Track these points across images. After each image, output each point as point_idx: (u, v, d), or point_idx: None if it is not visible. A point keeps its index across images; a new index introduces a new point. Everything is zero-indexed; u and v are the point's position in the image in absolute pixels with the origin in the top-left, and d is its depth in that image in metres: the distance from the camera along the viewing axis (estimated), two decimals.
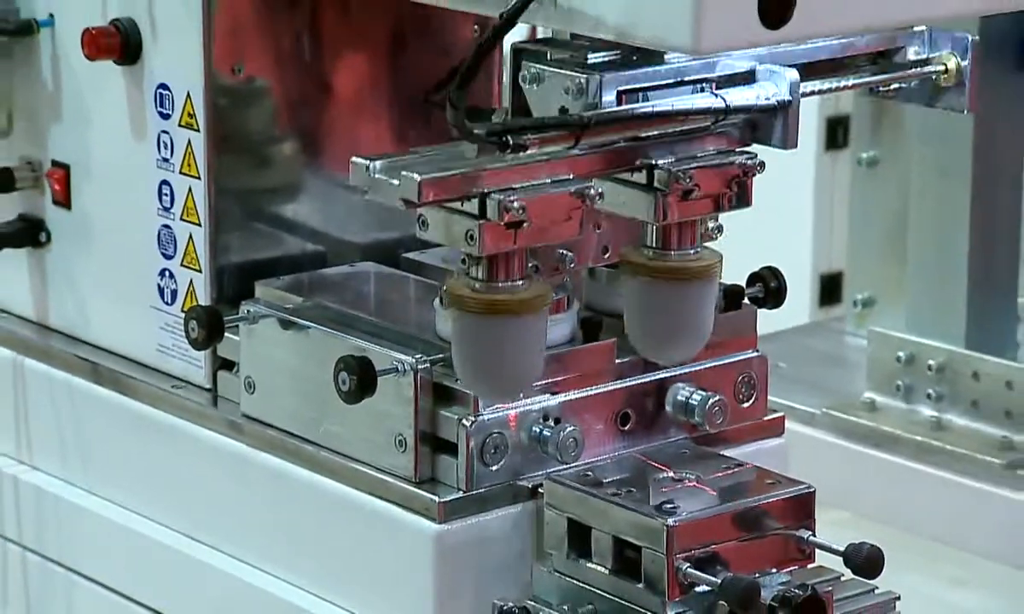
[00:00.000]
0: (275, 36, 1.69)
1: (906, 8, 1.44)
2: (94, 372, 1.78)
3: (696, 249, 1.50)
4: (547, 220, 1.41)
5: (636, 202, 1.46)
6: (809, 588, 1.41)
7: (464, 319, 1.44)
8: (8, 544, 1.85)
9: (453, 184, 1.39)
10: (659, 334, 1.52)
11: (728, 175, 1.48)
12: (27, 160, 1.84)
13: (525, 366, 1.46)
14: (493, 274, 1.42)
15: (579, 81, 1.40)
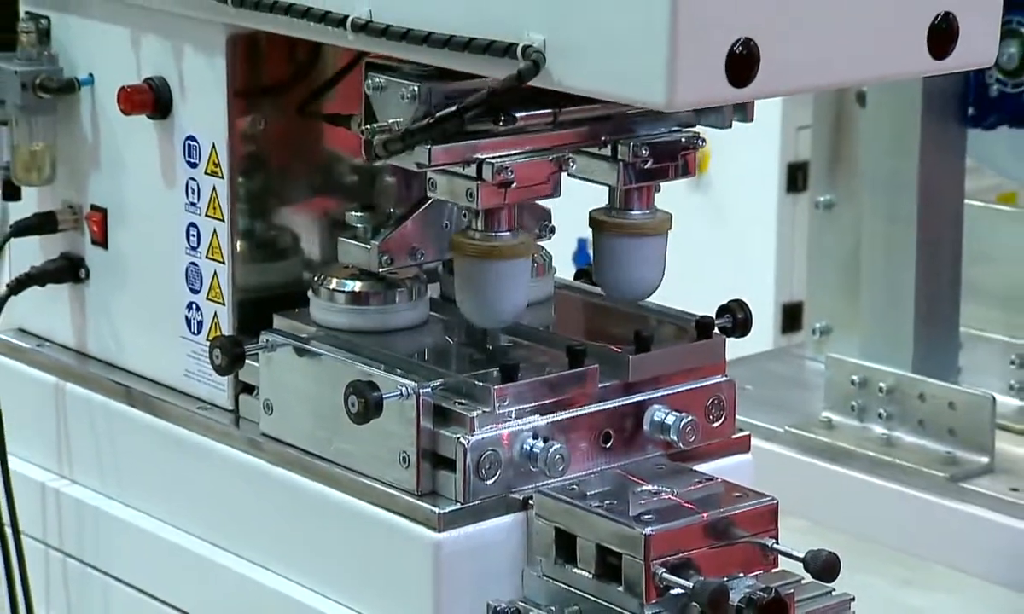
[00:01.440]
0: (291, 92, 1.68)
1: (855, 70, 1.44)
2: (128, 395, 1.78)
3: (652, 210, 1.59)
4: (531, 181, 1.50)
5: (604, 171, 1.56)
6: (773, 591, 1.41)
7: (465, 262, 1.52)
8: (51, 551, 1.84)
9: (456, 152, 1.47)
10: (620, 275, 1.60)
11: (677, 150, 1.56)
12: (68, 204, 1.83)
13: (514, 300, 1.54)
14: (488, 225, 1.51)
15: (413, 89, 1.48)
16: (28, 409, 1.86)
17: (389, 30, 1.47)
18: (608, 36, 1.34)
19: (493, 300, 1.54)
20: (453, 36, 1.42)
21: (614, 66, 1.34)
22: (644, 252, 1.59)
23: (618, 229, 1.59)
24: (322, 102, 1.70)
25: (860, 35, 1.41)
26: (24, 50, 1.79)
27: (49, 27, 1.81)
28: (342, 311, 1.62)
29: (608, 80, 1.35)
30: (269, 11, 1.55)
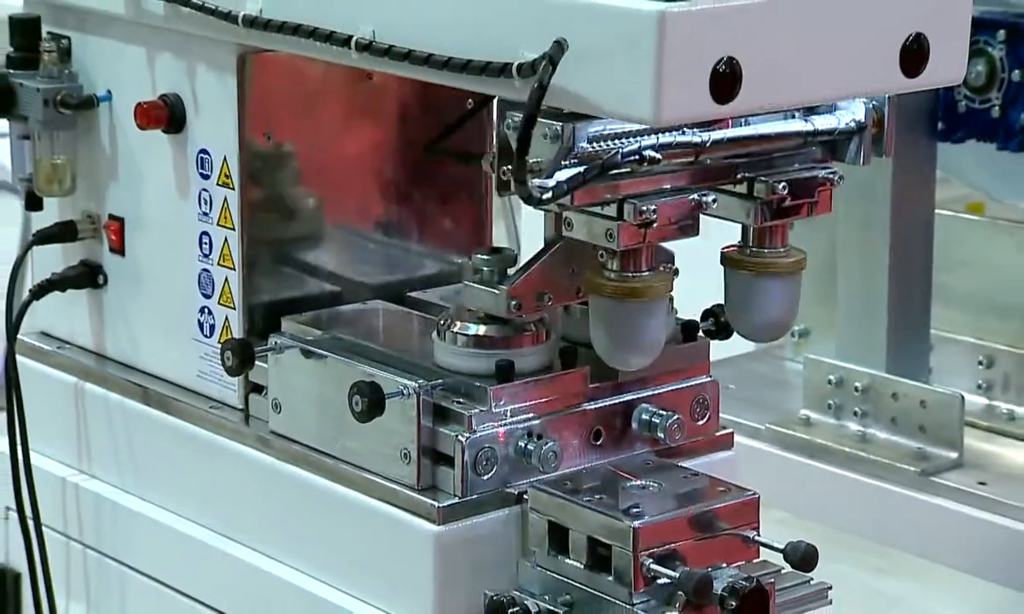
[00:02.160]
0: (299, 108, 1.68)
1: (832, 87, 1.44)
2: (144, 395, 1.77)
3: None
4: (671, 221, 1.43)
5: (738, 208, 1.48)
6: (754, 580, 1.41)
7: (603, 303, 1.46)
8: (71, 542, 1.84)
9: (598, 192, 1.41)
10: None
11: (815, 187, 1.49)
12: (88, 214, 1.83)
13: (652, 339, 1.47)
14: (625, 266, 1.45)
15: (555, 128, 1.40)
16: (50, 408, 1.86)
17: (392, 50, 1.46)
18: (599, 56, 1.33)
19: (631, 340, 1.47)
20: (452, 58, 1.41)
21: (605, 84, 1.34)
22: (782, 291, 1.52)
23: (755, 268, 1.50)
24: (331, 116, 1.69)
25: (837, 54, 1.41)
26: (46, 68, 1.78)
27: (70, 46, 1.81)
28: (468, 355, 1.54)
29: (599, 97, 1.35)
30: (278, 31, 1.54)
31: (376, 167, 1.74)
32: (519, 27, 1.38)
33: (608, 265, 1.46)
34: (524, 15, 1.37)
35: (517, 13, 1.38)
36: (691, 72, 1.32)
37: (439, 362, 1.55)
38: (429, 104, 1.73)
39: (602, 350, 1.48)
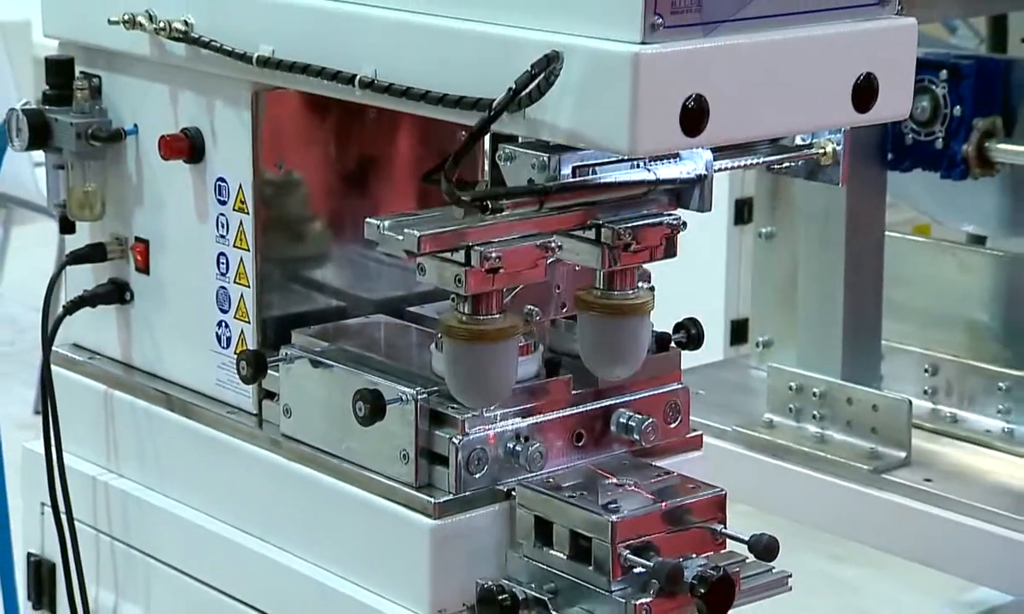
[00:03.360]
0: (307, 140, 1.67)
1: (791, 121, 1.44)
2: (167, 401, 1.76)
3: (634, 289, 1.48)
4: (518, 267, 1.41)
5: (587, 253, 1.46)
6: (721, 569, 1.40)
7: (453, 345, 1.43)
8: (100, 535, 1.82)
9: (445, 239, 1.39)
10: (605, 357, 1.50)
11: (659, 233, 1.47)
12: (116, 237, 1.82)
13: (501, 381, 1.45)
14: (476, 309, 1.41)
15: (542, 158, 1.39)
16: (81, 413, 1.84)
17: (391, 88, 1.46)
18: (579, 92, 1.33)
19: (480, 381, 1.43)
20: (446, 94, 1.41)
21: (584, 118, 1.33)
22: (628, 332, 1.48)
23: (603, 309, 1.47)
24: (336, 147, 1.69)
25: (795, 92, 1.40)
26: (79, 105, 1.78)
27: (100, 85, 1.80)
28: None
29: (580, 130, 1.34)
30: (288, 70, 1.54)
31: (377, 193, 1.73)
32: (507, 67, 1.37)
33: (459, 309, 1.41)
34: (511, 56, 1.36)
35: (505, 54, 1.37)
36: (663, 107, 1.31)
37: (435, 371, 1.54)
38: (424, 135, 1.73)
39: (454, 390, 1.45)
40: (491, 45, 1.39)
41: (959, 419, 2.18)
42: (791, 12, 1.38)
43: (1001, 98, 2.08)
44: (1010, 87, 2.08)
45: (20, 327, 4.56)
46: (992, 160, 2.09)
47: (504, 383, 1.45)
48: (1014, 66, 2.10)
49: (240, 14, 1.60)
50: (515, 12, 1.38)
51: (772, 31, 1.37)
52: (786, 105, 1.40)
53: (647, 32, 1.30)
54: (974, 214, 2.33)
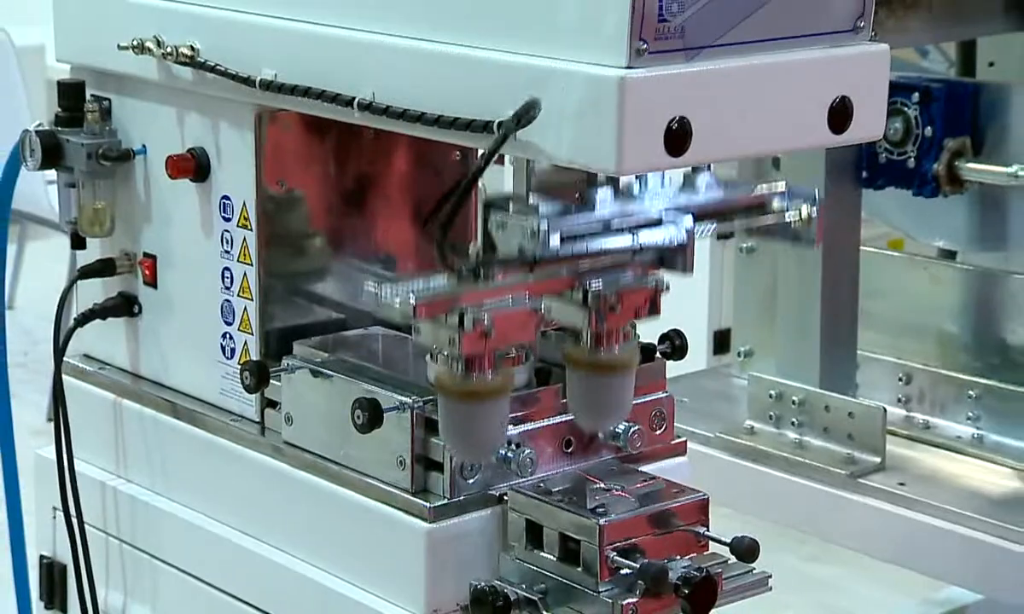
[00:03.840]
0: (308, 159, 1.67)
1: (770, 141, 1.44)
2: (173, 409, 1.75)
3: (620, 346, 1.46)
4: (509, 329, 1.40)
5: (575, 315, 1.44)
6: (704, 571, 1.40)
7: (447, 401, 1.42)
8: (109, 538, 1.82)
9: (439, 305, 1.38)
10: (593, 411, 1.49)
11: (643, 294, 1.46)
12: (125, 252, 1.81)
13: (492, 436, 1.44)
14: (469, 369, 1.40)
15: (532, 226, 1.38)
16: (91, 420, 1.84)
17: (389, 109, 1.45)
18: (569, 116, 1.33)
19: (471, 436, 1.42)
20: (441, 115, 1.41)
21: (574, 140, 1.33)
22: (615, 388, 1.47)
23: (591, 367, 1.45)
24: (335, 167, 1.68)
25: (774, 114, 1.40)
26: (89, 126, 1.77)
27: (110, 107, 1.79)
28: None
29: (569, 151, 1.34)
30: (290, 93, 1.53)
31: (374, 210, 1.73)
32: (499, 90, 1.37)
33: (453, 368, 1.39)
34: (503, 80, 1.36)
35: (497, 78, 1.37)
36: (648, 130, 1.31)
37: (431, 380, 1.53)
38: (420, 155, 1.72)
39: (449, 446, 1.44)
40: (484, 69, 1.39)
41: (931, 426, 2.18)
42: (769, 38, 1.38)
43: (970, 119, 2.09)
44: (978, 109, 2.08)
45: (34, 338, 4.55)
46: (962, 178, 2.10)
47: (495, 438, 1.44)
48: (982, 89, 2.10)
49: (244, 39, 1.60)
50: (506, 38, 1.37)
51: (752, 56, 1.37)
52: (765, 127, 1.40)
53: (632, 57, 1.30)
54: (945, 230, 2.33)
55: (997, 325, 2.19)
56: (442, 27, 1.43)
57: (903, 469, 2.06)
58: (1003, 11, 2.10)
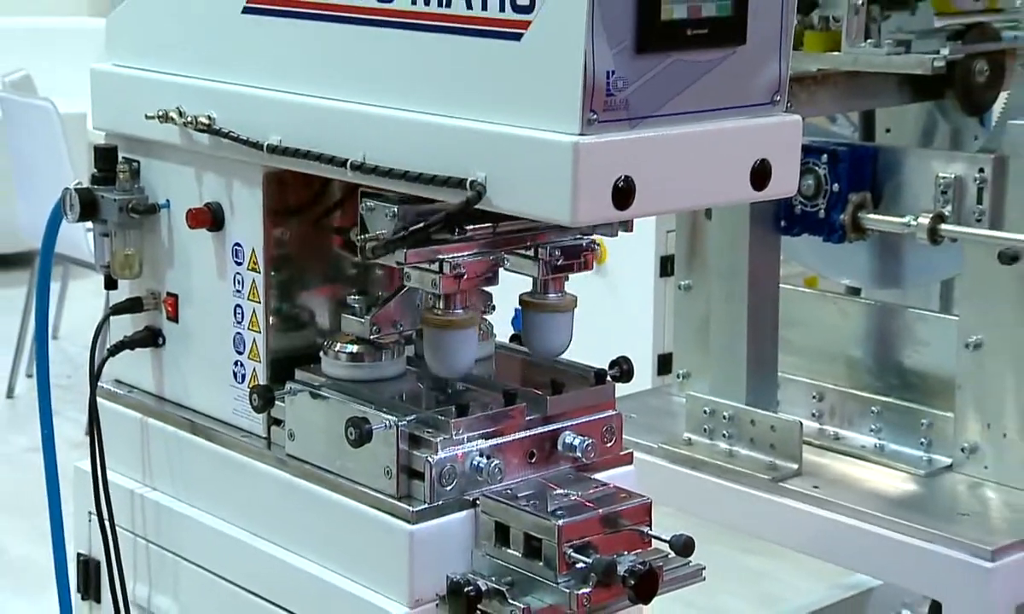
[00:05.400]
0: (311, 212, 1.66)
1: (703, 197, 1.44)
2: (192, 427, 1.73)
3: (560, 294, 1.55)
4: (477, 273, 1.48)
5: (529, 266, 1.53)
6: (648, 564, 1.39)
7: (431, 331, 1.50)
8: (137, 538, 1.79)
9: (423, 254, 1.46)
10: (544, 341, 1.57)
11: (581, 251, 1.53)
12: (151, 292, 1.79)
13: (466, 358, 1.51)
14: (447, 305, 1.49)
15: (393, 209, 1.45)
16: (122, 437, 1.81)
17: (376, 169, 1.45)
18: (531, 175, 1.33)
19: (451, 358, 1.52)
20: (422, 173, 1.40)
21: (535, 195, 1.33)
22: (558, 323, 1.56)
23: (539, 307, 1.56)
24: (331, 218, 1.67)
25: (705, 173, 1.40)
26: (121, 184, 1.75)
27: (139, 168, 1.78)
28: (344, 366, 1.58)
29: (530, 205, 1.34)
30: (293, 156, 1.53)
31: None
32: (471, 152, 1.37)
33: (435, 305, 1.50)
34: (475, 143, 1.36)
35: (470, 142, 1.37)
36: (598, 187, 1.31)
37: (325, 371, 1.56)
38: None
39: (432, 365, 1.52)
40: (458, 135, 1.38)
41: (840, 437, 2.18)
42: (701, 110, 1.38)
43: (870, 177, 2.10)
44: (877, 168, 2.09)
45: (75, 364, 4.51)
46: (864, 227, 2.10)
47: (468, 358, 1.51)
48: (880, 152, 2.11)
49: (253, 110, 1.59)
50: (477, 108, 1.37)
51: (686, 125, 1.37)
52: (698, 184, 1.40)
53: (584, 125, 1.30)
54: (850, 270, 2.34)
55: (895, 351, 2.19)
56: (423, 99, 1.42)
57: (817, 474, 2.06)
58: (897, 88, 2.12)
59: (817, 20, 2.04)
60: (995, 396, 1.99)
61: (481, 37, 1.36)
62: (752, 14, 1.38)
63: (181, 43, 1.69)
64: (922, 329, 2.17)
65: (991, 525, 1.88)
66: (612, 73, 1.31)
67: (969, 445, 2.02)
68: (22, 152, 4.43)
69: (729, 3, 1.36)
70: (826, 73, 2.05)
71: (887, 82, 2.10)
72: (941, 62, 1.98)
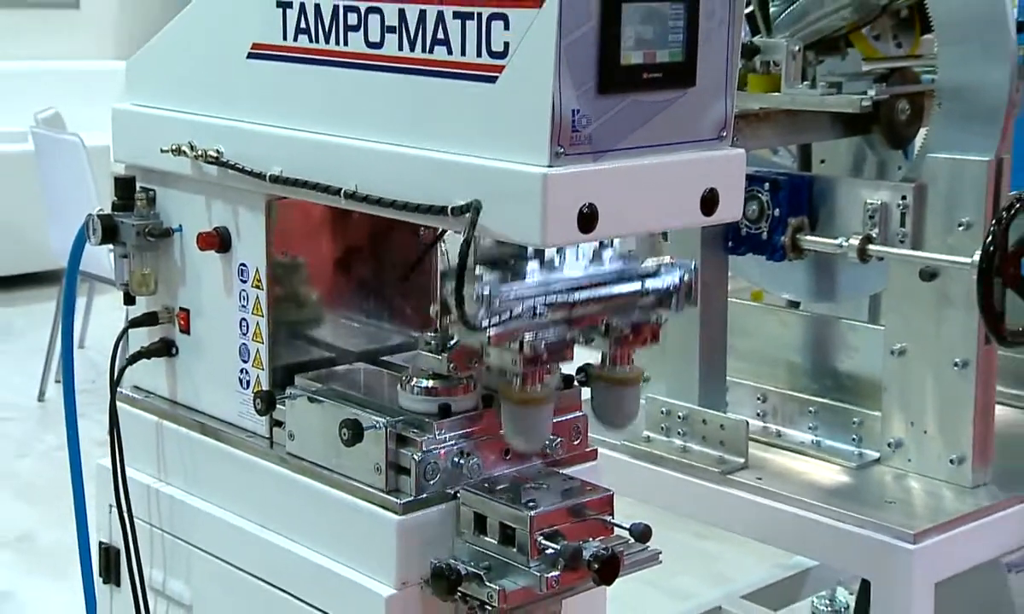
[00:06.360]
0: (308, 235, 1.65)
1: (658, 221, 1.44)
2: (202, 428, 1.71)
3: (631, 367, 1.49)
4: (552, 353, 1.40)
5: (599, 343, 1.46)
6: (610, 550, 1.38)
7: (509, 406, 1.42)
8: (153, 528, 1.77)
9: (508, 335, 1.36)
10: (612, 414, 1.51)
11: (648, 328, 1.48)
12: (166, 307, 1.78)
13: (541, 432, 1.43)
14: (524, 383, 1.40)
15: (483, 289, 1.35)
16: (139, 436, 1.79)
17: (368, 197, 1.44)
18: (505, 202, 1.32)
19: (527, 433, 1.43)
20: (408, 202, 1.39)
21: (509, 220, 1.32)
22: (625, 396, 1.50)
23: (608, 380, 1.48)
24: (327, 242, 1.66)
25: (660, 201, 1.40)
26: (139, 210, 1.74)
27: (155, 196, 1.76)
28: (420, 400, 1.47)
29: (505, 228, 1.33)
30: (293, 186, 1.52)
31: (358, 272, 1.70)
32: (452, 183, 1.36)
33: (513, 382, 1.40)
34: (455, 175, 1.35)
35: (451, 173, 1.36)
36: (565, 213, 1.30)
37: (402, 405, 1.51)
38: (389, 231, 1.70)
39: (509, 440, 1.44)
40: (440, 167, 1.38)
41: (782, 434, 2.17)
42: (656, 144, 1.38)
43: (807, 203, 2.10)
44: (813, 195, 2.09)
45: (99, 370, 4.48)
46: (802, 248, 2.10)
47: (543, 434, 1.42)
48: (816, 180, 2.11)
49: (257, 145, 1.58)
50: (456, 143, 1.37)
51: (643, 158, 1.37)
52: (654, 210, 1.40)
53: (552, 158, 1.29)
54: (791, 286, 2.34)
55: (830, 357, 2.20)
56: (409, 135, 1.41)
57: (761, 467, 2.05)
58: (830, 124, 2.12)
59: (759, 64, 2.05)
60: (917, 397, 1.99)
61: (460, 80, 1.35)
62: (701, 59, 1.38)
63: (192, 85, 1.68)
64: (853, 338, 2.17)
65: (913, 511, 1.89)
66: (577, 112, 1.30)
67: (894, 441, 2.02)
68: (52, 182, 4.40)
69: (681, 50, 1.36)
70: (767, 111, 2.06)
71: (821, 119, 2.11)
72: (868, 102, 1.99)
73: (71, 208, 4.20)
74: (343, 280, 1.69)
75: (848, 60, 2.12)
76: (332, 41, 1.47)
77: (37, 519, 3.55)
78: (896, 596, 1.81)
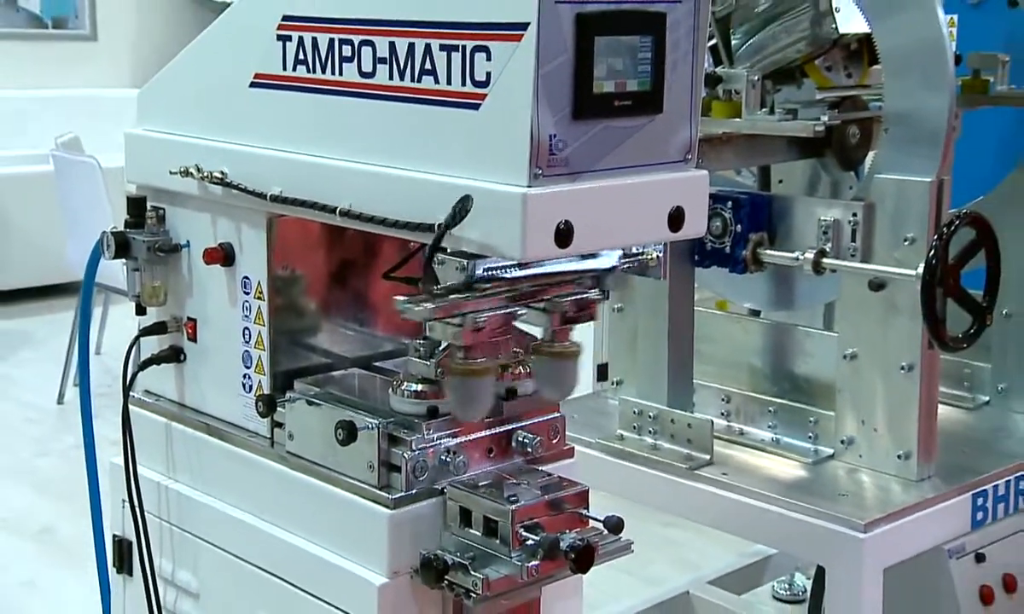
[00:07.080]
0: (307, 250, 1.64)
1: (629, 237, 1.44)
2: (208, 429, 1.70)
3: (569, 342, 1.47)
4: (495, 327, 1.39)
5: (540, 319, 1.46)
6: (586, 541, 1.38)
7: (453, 379, 1.40)
8: (162, 522, 1.75)
9: (447, 309, 1.36)
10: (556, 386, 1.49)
11: (587, 303, 1.47)
12: (175, 317, 1.76)
13: (482, 403, 1.41)
14: (467, 355, 1.39)
15: (463, 263, 1.36)
16: (150, 437, 1.77)
17: (361, 215, 1.43)
18: (488, 219, 1.31)
19: (470, 403, 1.41)
20: (398, 219, 1.39)
21: (492, 236, 1.31)
22: (565, 369, 1.48)
23: (549, 355, 1.46)
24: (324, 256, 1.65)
25: (630, 218, 1.40)
26: (149, 227, 1.73)
27: (164, 214, 1.75)
28: (410, 402, 1.46)
29: (488, 243, 1.32)
30: (291, 205, 1.51)
31: (353, 285, 1.69)
32: (438, 201, 1.35)
33: (456, 356, 1.38)
34: (441, 194, 1.35)
35: (437, 192, 1.35)
36: (543, 229, 1.30)
37: (393, 407, 1.50)
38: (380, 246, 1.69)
39: (454, 410, 1.42)
40: (428, 187, 1.37)
41: (744, 432, 2.17)
42: (627, 166, 1.38)
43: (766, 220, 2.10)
44: (772, 213, 2.10)
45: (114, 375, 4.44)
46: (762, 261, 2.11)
47: (485, 405, 1.40)
48: (774, 199, 2.12)
49: (258, 166, 1.57)
50: (443, 165, 1.36)
51: (615, 178, 1.37)
52: (624, 227, 1.40)
53: (531, 179, 1.29)
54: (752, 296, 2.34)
55: (788, 361, 2.20)
56: (399, 157, 1.41)
57: (725, 463, 2.05)
58: (787, 147, 2.13)
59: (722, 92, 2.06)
60: (867, 398, 2.00)
61: (446, 107, 1.35)
62: (668, 88, 1.38)
63: (199, 112, 1.66)
64: (809, 343, 2.18)
65: (864, 503, 1.89)
66: (554, 136, 1.30)
67: (847, 438, 2.03)
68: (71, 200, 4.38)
69: (649, 79, 1.36)
70: (729, 135, 2.07)
71: (779, 143, 2.12)
72: (821, 127, 2.00)
73: (88, 225, 4.18)
74: (339, 291, 1.68)
75: (803, 89, 2.13)
76: (328, 71, 1.47)
77: (57, 513, 3.52)
78: (849, 580, 1.81)
